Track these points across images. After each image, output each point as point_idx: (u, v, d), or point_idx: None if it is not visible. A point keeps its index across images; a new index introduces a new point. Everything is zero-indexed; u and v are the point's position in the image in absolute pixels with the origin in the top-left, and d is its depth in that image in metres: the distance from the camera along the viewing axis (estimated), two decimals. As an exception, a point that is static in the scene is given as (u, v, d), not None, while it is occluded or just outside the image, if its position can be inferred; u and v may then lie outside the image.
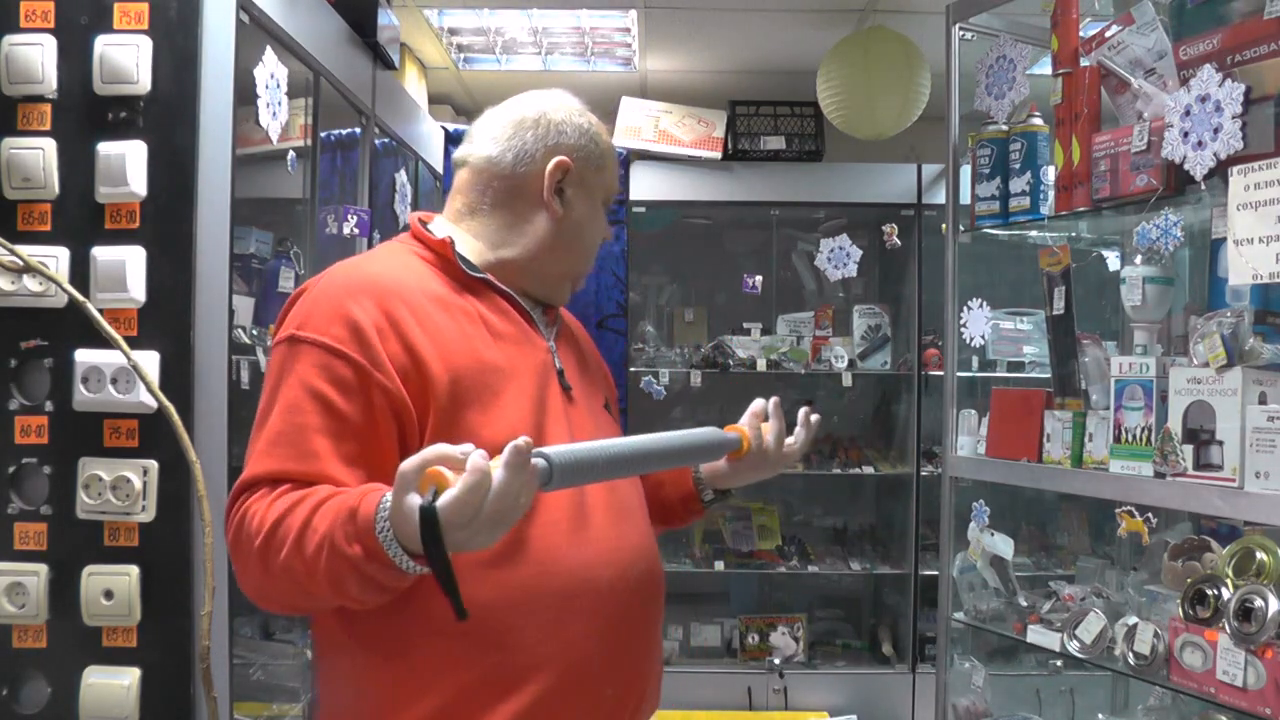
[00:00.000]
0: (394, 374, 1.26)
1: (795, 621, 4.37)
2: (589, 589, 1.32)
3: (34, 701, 1.90)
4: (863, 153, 4.47)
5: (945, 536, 2.58)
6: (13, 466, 1.90)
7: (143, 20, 1.90)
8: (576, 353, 1.55)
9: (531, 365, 1.39)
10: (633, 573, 1.38)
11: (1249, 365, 1.82)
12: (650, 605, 1.44)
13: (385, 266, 1.38)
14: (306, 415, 1.23)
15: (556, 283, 1.49)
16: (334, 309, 1.29)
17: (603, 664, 1.34)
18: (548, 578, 1.30)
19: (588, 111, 1.53)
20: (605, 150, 1.50)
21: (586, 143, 1.47)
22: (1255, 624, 1.77)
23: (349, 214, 2.68)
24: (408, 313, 1.30)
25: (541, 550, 1.30)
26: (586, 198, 1.47)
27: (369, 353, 1.26)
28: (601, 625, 1.33)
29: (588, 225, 1.48)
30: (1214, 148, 1.84)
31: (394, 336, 1.28)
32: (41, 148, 1.88)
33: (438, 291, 1.37)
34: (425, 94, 4.66)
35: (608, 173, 1.49)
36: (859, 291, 4.70)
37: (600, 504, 1.38)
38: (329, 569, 1.14)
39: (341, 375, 1.25)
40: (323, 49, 2.45)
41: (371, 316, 1.28)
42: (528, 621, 1.29)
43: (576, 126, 1.48)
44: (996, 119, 2.46)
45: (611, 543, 1.37)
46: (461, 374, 1.30)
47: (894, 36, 3.95)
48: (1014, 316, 3.18)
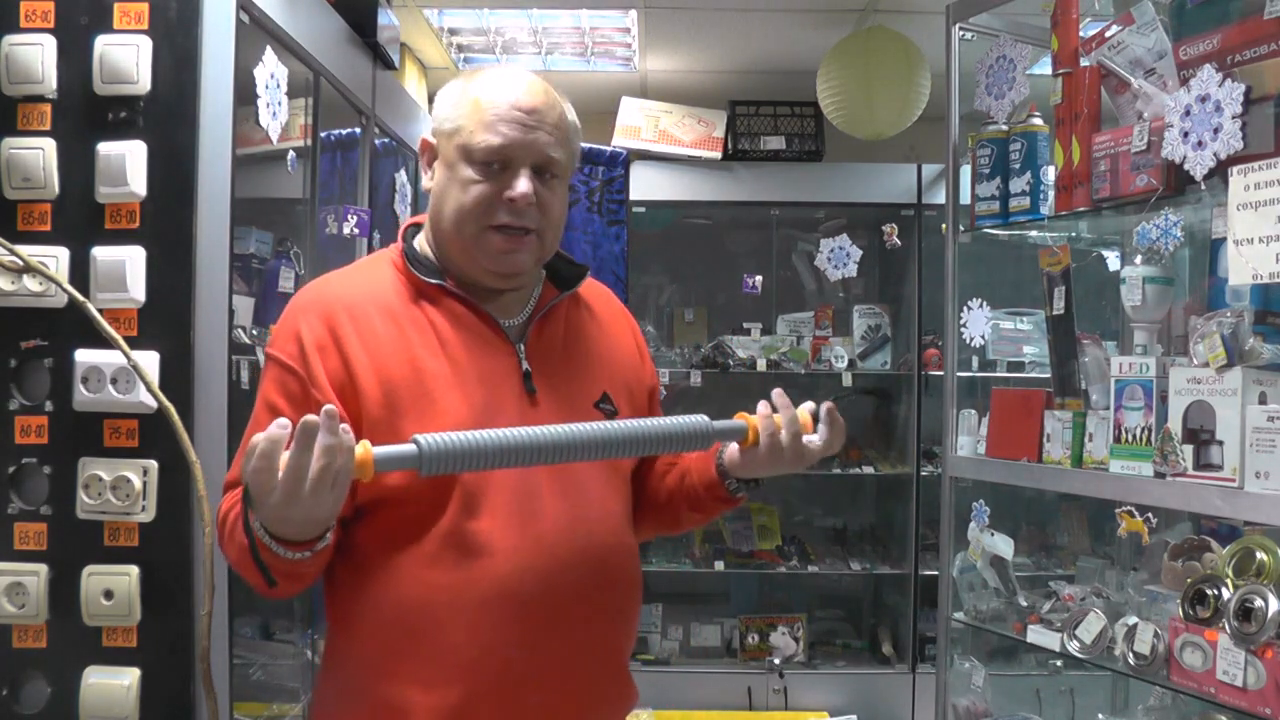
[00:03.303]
0: (329, 389, 1.34)
1: (795, 621, 4.37)
2: (515, 595, 1.34)
3: (34, 701, 1.90)
4: (863, 153, 4.47)
5: (945, 536, 2.58)
6: (13, 466, 1.90)
7: (143, 20, 1.90)
8: (568, 350, 1.50)
9: (482, 370, 1.40)
10: (570, 580, 1.37)
11: (1249, 365, 1.82)
12: (598, 614, 1.41)
13: (348, 281, 1.46)
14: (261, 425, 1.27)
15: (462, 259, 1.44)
16: (289, 327, 1.40)
17: (526, 671, 1.35)
18: (474, 583, 1.34)
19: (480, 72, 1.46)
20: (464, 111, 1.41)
21: (442, 111, 1.45)
22: (1255, 624, 1.77)
23: (349, 214, 2.68)
24: (350, 328, 1.38)
25: (472, 555, 1.34)
26: (443, 165, 1.44)
27: (309, 369, 1.36)
28: (528, 632, 1.35)
29: (445, 189, 1.43)
30: (1214, 148, 1.84)
31: (334, 352, 1.36)
32: (41, 148, 1.88)
33: (390, 302, 1.42)
34: (425, 94, 4.66)
35: (463, 131, 1.40)
36: (859, 291, 4.70)
37: (553, 511, 1.38)
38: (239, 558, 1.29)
39: (292, 389, 1.36)
40: (323, 49, 2.45)
41: (315, 334, 1.37)
42: (454, 623, 1.33)
43: (444, 100, 1.46)
44: (996, 119, 2.46)
45: (550, 553, 1.36)
46: (396, 384, 1.35)
47: (894, 36, 3.95)
48: (1014, 316, 3.18)
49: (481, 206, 1.40)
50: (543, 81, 1.46)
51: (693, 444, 1.39)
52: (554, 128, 1.43)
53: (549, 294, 1.53)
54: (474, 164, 1.40)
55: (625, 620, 1.50)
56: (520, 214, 1.40)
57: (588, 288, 1.59)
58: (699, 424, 1.37)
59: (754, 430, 1.42)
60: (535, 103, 1.41)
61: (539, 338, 1.48)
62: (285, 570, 1.26)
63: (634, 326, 1.67)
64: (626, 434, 1.30)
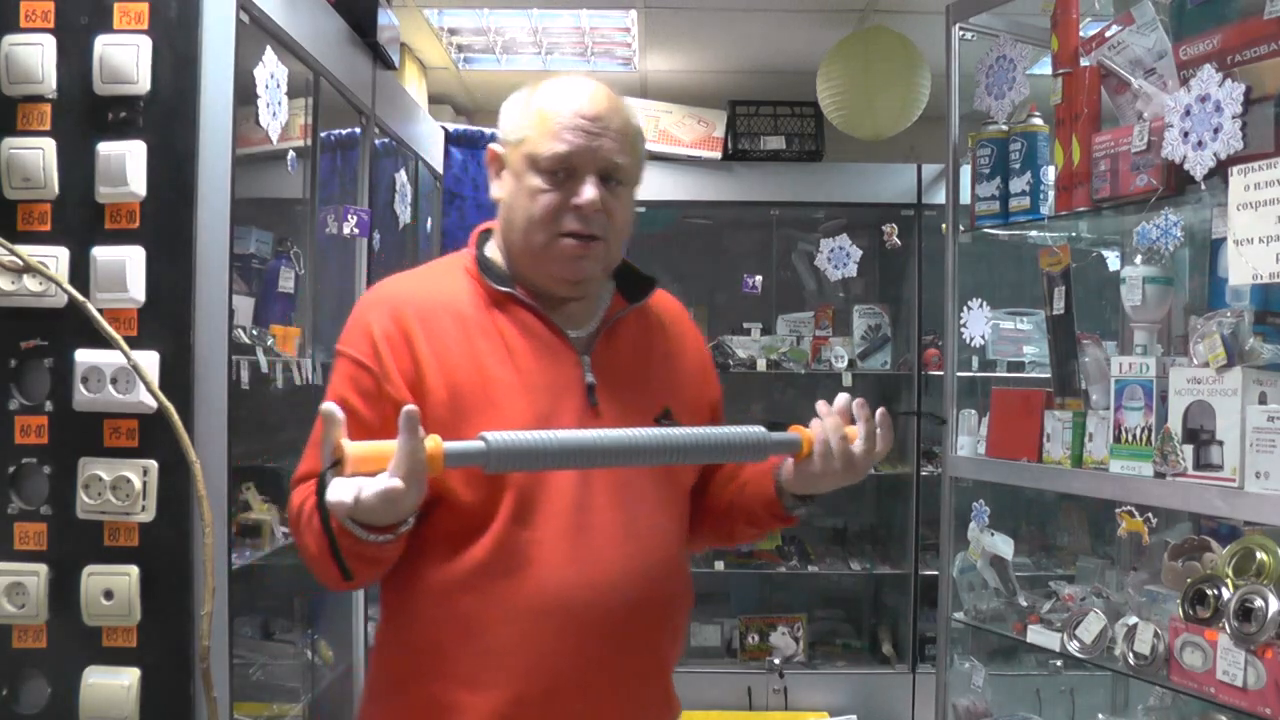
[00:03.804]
0: (402, 385, 1.37)
1: (795, 621, 4.37)
2: (566, 609, 1.36)
3: (34, 701, 1.90)
4: (863, 153, 4.47)
5: (945, 536, 2.58)
6: (13, 466, 1.90)
7: (143, 20, 1.90)
8: (633, 363, 1.50)
9: (546, 380, 1.41)
10: (621, 597, 1.38)
11: (1249, 365, 1.82)
12: (645, 627, 1.42)
13: (418, 283, 1.49)
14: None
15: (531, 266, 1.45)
16: (360, 323, 1.43)
17: (572, 680, 1.37)
18: (524, 591, 1.35)
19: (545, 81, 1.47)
20: (530, 119, 1.43)
21: (508, 122, 1.47)
22: (1255, 624, 1.77)
23: (349, 214, 2.68)
24: (420, 329, 1.40)
25: (526, 565, 1.36)
26: (510, 174, 1.45)
27: (383, 365, 1.38)
28: (575, 645, 1.36)
29: (514, 198, 1.44)
30: (1214, 148, 1.84)
31: (405, 349, 1.38)
32: (41, 148, 1.88)
33: (462, 308, 1.43)
34: (425, 94, 4.66)
35: (529, 140, 1.41)
36: (859, 291, 4.70)
37: (603, 525, 1.39)
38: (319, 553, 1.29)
39: (365, 385, 1.38)
40: (323, 49, 2.45)
41: (386, 331, 1.40)
42: (503, 629, 1.35)
43: (509, 110, 1.48)
44: (996, 119, 2.46)
45: (602, 566, 1.37)
46: (462, 388, 1.37)
47: (894, 36, 3.95)
48: (1014, 316, 3.18)
49: (550, 214, 1.41)
50: (606, 88, 1.46)
51: (748, 454, 1.39)
52: (618, 134, 1.44)
53: (617, 305, 1.53)
54: (540, 172, 1.41)
55: (672, 634, 1.51)
56: (588, 221, 1.41)
57: (656, 299, 1.58)
58: (755, 434, 1.36)
59: (808, 442, 1.39)
60: (599, 110, 1.42)
61: (605, 350, 1.48)
62: (369, 555, 1.28)
63: (699, 339, 1.67)
64: (684, 441, 1.32)
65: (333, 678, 2.79)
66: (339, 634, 2.85)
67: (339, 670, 2.83)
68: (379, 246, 2.99)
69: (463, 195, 3.95)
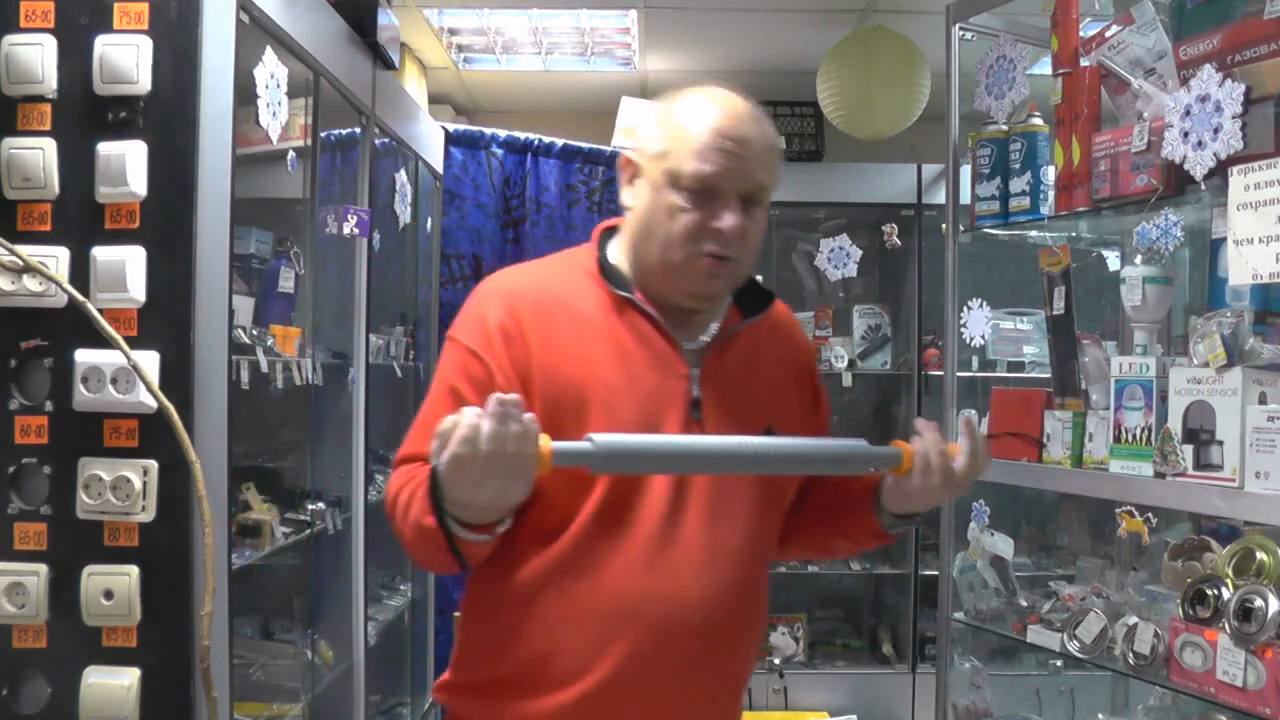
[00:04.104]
0: (513, 376, 1.38)
1: (795, 621, 4.37)
2: (640, 619, 1.36)
3: (34, 701, 1.90)
4: (863, 153, 4.47)
5: (945, 536, 2.58)
6: (13, 466, 1.90)
7: (143, 20, 1.90)
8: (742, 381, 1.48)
9: (651, 390, 1.41)
10: (695, 615, 1.38)
11: (1249, 365, 1.82)
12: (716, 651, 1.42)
13: (538, 277, 1.49)
14: (443, 406, 1.36)
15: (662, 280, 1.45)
16: (476, 312, 1.44)
17: (634, 691, 1.38)
18: (601, 597, 1.37)
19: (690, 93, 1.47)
20: (672, 134, 1.42)
21: (649, 132, 1.46)
22: (1255, 624, 1.77)
23: (349, 214, 2.68)
24: (535, 322, 1.41)
25: (604, 571, 1.37)
26: (648, 186, 1.44)
27: (496, 356, 1.39)
28: (646, 656, 1.37)
29: (652, 213, 1.42)
30: (1214, 148, 1.84)
31: (519, 341, 1.40)
32: (41, 148, 1.88)
33: (581, 308, 1.44)
34: (425, 94, 4.66)
35: (671, 155, 1.40)
36: (859, 291, 4.70)
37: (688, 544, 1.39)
38: (419, 540, 1.32)
39: (476, 374, 1.39)
40: (323, 49, 2.45)
41: (501, 321, 1.40)
42: (575, 630, 1.37)
43: (651, 118, 1.48)
44: (996, 119, 2.46)
45: (682, 583, 1.38)
46: (570, 387, 1.38)
47: (894, 36, 3.95)
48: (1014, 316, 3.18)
49: (690, 235, 1.40)
50: (749, 105, 1.46)
51: (850, 467, 1.39)
52: (761, 154, 1.43)
53: (732, 319, 1.51)
54: (681, 190, 1.40)
55: (745, 659, 1.51)
56: (726, 244, 1.41)
57: (773, 313, 1.57)
58: (857, 447, 1.36)
59: (909, 457, 1.38)
60: (745, 132, 1.42)
61: (715, 364, 1.47)
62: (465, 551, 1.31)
63: (810, 355, 1.66)
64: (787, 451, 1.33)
65: (333, 678, 2.79)
66: (339, 634, 2.85)
67: (339, 670, 2.83)
68: (379, 246, 2.99)
69: (463, 195, 3.95)
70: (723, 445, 1.30)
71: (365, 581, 2.89)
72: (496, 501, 1.22)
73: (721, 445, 1.30)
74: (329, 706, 2.75)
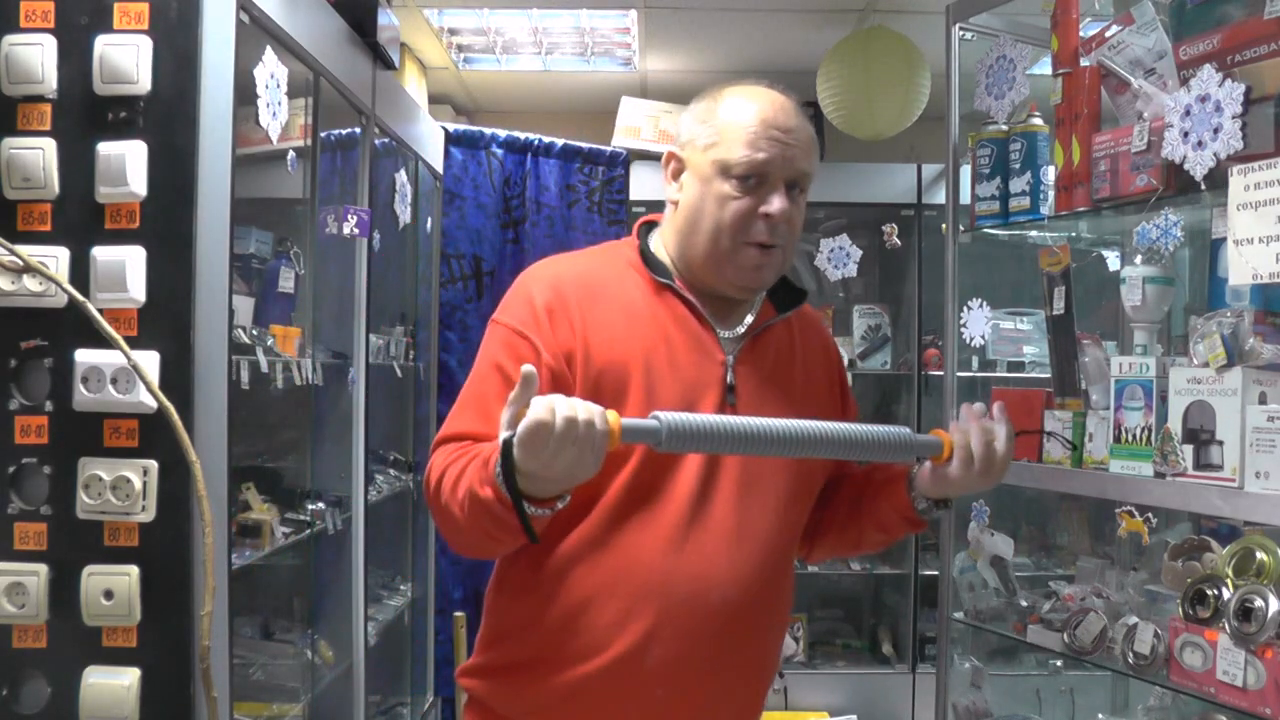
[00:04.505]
0: (560, 354, 1.42)
1: (795, 621, 4.36)
2: (668, 595, 1.40)
3: (34, 701, 1.90)
4: (863, 153, 4.47)
5: (945, 536, 2.58)
6: (13, 466, 1.90)
7: (143, 20, 1.90)
8: (773, 371, 1.53)
9: (690, 374, 1.45)
10: (722, 595, 1.42)
11: (1249, 365, 1.82)
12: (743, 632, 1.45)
13: (581, 263, 1.54)
14: (489, 385, 1.41)
15: (709, 270, 1.49)
16: (522, 295, 1.47)
17: (658, 666, 1.40)
18: (630, 573, 1.40)
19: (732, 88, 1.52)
20: (720, 127, 1.47)
21: (694, 125, 1.51)
22: (1255, 624, 1.77)
23: (349, 214, 2.68)
24: (580, 302, 1.45)
25: (634, 547, 1.40)
26: (696, 178, 1.49)
27: (543, 335, 1.42)
28: (673, 632, 1.40)
29: (700, 203, 1.47)
30: (1214, 148, 1.84)
31: (566, 322, 1.43)
32: (41, 148, 1.88)
33: (624, 291, 1.48)
34: (425, 94, 4.66)
35: (720, 146, 1.46)
36: (859, 291, 4.70)
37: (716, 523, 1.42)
38: (472, 513, 1.31)
39: (523, 353, 1.41)
40: (323, 49, 2.45)
41: (546, 300, 1.44)
42: (603, 605, 1.40)
43: (692, 114, 1.53)
44: (996, 119, 2.46)
45: (708, 561, 1.41)
46: (615, 367, 1.42)
47: (894, 36, 3.95)
48: (1014, 316, 3.18)
49: (740, 221, 1.45)
50: (791, 99, 1.52)
51: (897, 453, 1.42)
52: (806, 144, 1.49)
53: (766, 313, 1.56)
54: (731, 179, 1.45)
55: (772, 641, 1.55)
56: (774, 230, 1.46)
57: (803, 312, 1.61)
58: (902, 434, 1.39)
59: (949, 445, 1.42)
60: (791, 121, 1.48)
61: (750, 353, 1.52)
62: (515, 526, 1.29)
63: (838, 358, 1.70)
64: (841, 435, 1.36)
65: (333, 678, 2.79)
66: (339, 634, 2.86)
67: (339, 670, 2.83)
68: (379, 246, 2.99)
69: (463, 195, 3.95)
70: (781, 427, 1.32)
71: (365, 581, 2.89)
72: (571, 472, 1.22)
73: (780, 427, 1.32)
74: (329, 706, 2.75)
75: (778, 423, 1.32)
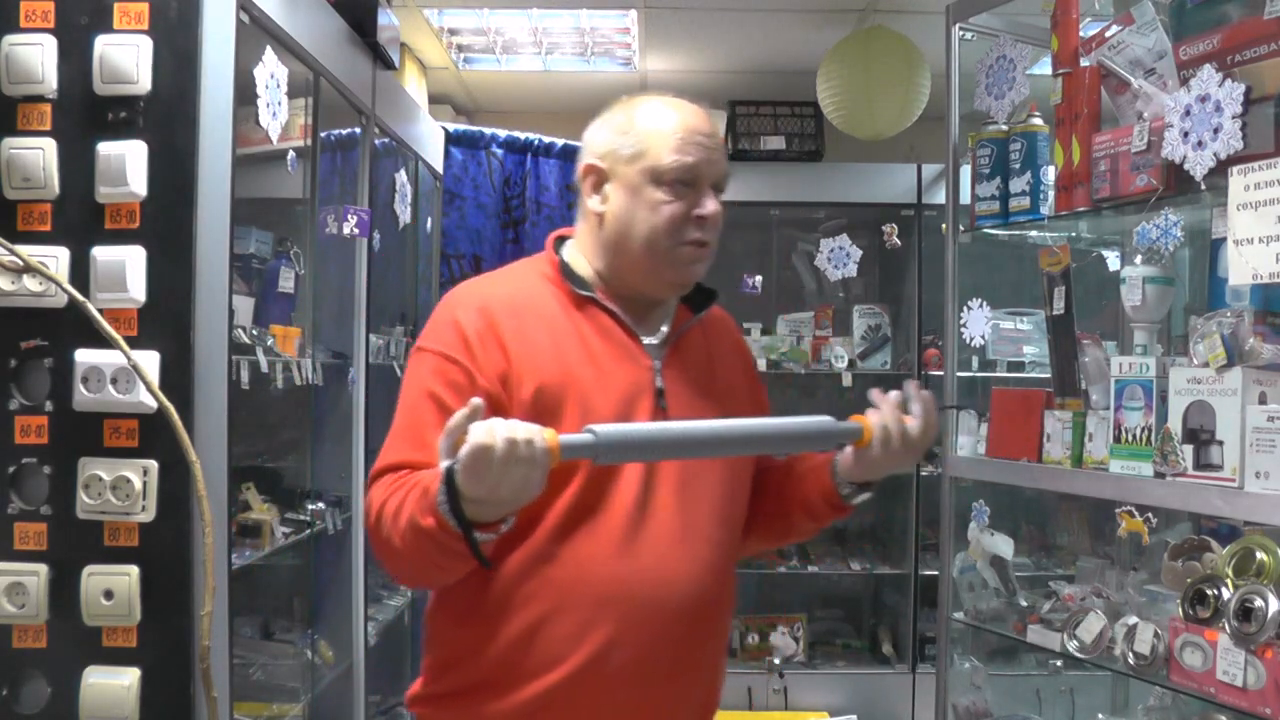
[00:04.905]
0: (494, 377, 1.42)
1: (795, 621, 4.37)
2: (625, 600, 1.41)
3: (34, 701, 1.90)
4: (863, 153, 4.47)
5: (945, 536, 2.58)
6: (13, 466, 1.90)
7: (143, 20, 1.90)
8: (697, 371, 1.56)
9: (622, 382, 1.47)
10: (676, 592, 1.44)
11: (1249, 365, 1.82)
12: (697, 626, 1.47)
13: (501, 284, 1.55)
14: (423, 413, 1.41)
15: (645, 275, 1.52)
16: (446, 320, 1.47)
17: (620, 671, 1.41)
18: (584, 584, 1.41)
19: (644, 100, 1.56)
20: (643, 137, 1.50)
21: (613, 137, 1.53)
22: (1255, 624, 1.77)
23: (349, 214, 2.68)
24: (508, 324, 1.45)
25: (584, 558, 1.41)
26: (622, 188, 1.51)
27: (474, 359, 1.43)
28: (630, 635, 1.41)
29: (631, 212, 1.50)
30: (1214, 148, 1.84)
31: (495, 345, 1.43)
32: (41, 148, 1.88)
33: (547, 309, 1.50)
34: (425, 94, 4.66)
35: (648, 156, 1.49)
36: (859, 291, 4.70)
37: (662, 524, 1.44)
38: (415, 543, 1.31)
39: (456, 379, 1.42)
40: (323, 49, 2.45)
41: (475, 325, 1.44)
42: (562, 618, 1.40)
43: (610, 125, 1.55)
44: (996, 119, 2.46)
45: (659, 562, 1.43)
46: (547, 386, 1.43)
47: (894, 36, 3.95)
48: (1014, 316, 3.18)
49: (675, 224, 1.49)
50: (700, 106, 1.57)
51: (823, 442, 1.47)
52: (723, 148, 1.56)
53: (682, 316, 1.59)
54: (663, 185, 1.49)
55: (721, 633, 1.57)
56: (706, 229, 1.51)
57: (711, 312, 1.64)
58: (827, 423, 1.44)
59: (868, 430, 1.47)
60: (708, 127, 1.54)
61: (674, 357, 1.54)
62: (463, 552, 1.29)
63: (749, 351, 1.75)
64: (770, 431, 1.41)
65: (333, 678, 2.79)
66: (339, 634, 2.86)
67: (339, 670, 2.83)
68: (379, 246, 2.99)
69: (463, 195, 3.95)
70: (713, 429, 1.36)
71: (365, 581, 2.89)
72: (518, 494, 1.23)
73: (712, 429, 1.36)
74: (329, 706, 2.75)
75: (709, 425, 1.36)
